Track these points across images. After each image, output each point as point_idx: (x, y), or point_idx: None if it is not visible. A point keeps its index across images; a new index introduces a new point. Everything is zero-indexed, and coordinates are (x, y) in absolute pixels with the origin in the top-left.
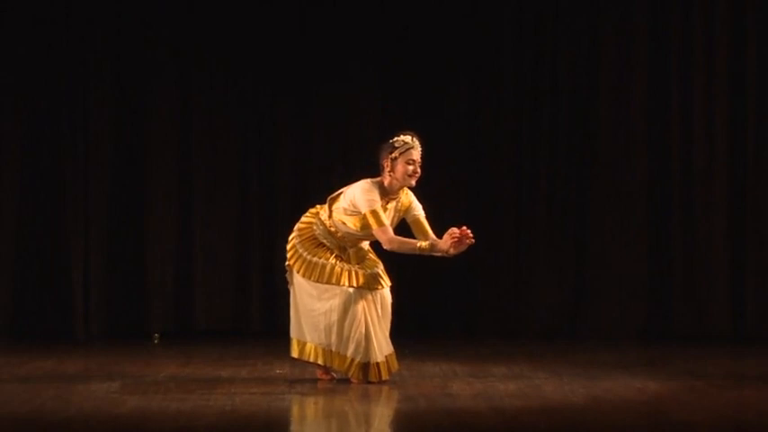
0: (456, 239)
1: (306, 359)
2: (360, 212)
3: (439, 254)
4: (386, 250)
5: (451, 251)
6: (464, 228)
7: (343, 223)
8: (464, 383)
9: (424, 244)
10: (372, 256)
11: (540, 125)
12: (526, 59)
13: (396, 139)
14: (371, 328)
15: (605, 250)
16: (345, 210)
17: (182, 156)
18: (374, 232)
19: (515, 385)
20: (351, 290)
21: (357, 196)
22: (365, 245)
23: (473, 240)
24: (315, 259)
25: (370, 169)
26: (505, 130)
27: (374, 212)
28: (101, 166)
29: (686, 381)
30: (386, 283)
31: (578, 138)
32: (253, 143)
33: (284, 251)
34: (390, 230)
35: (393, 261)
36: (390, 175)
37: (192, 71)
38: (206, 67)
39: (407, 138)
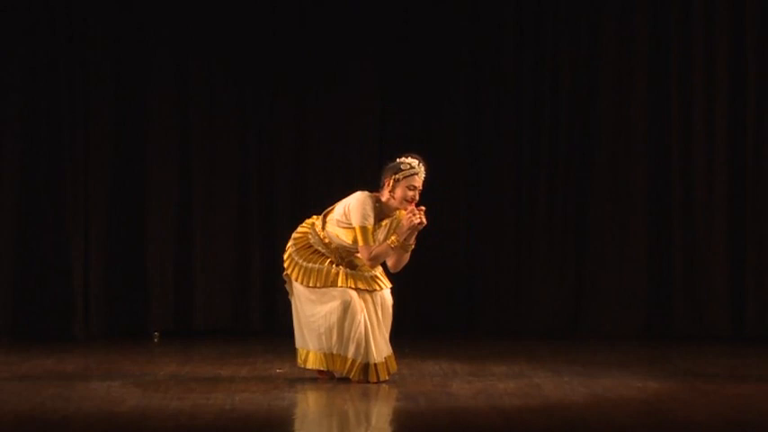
0: (411, 213)
1: (311, 367)
2: (352, 226)
3: (404, 238)
4: None
5: (405, 224)
6: (422, 207)
7: (337, 236)
8: (464, 382)
9: (391, 239)
10: None
11: (541, 125)
12: (526, 59)
13: (403, 160)
14: (370, 330)
15: (605, 250)
16: (339, 222)
17: (181, 156)
18: (359, 248)
19: (515, 384)
20: (349, 290)
21: (352, 207)
22: None
23: (424, 221)
24: (311, 265)
25: (369, 169)
26: (505, 131)
27: (364, 229)
28: (101, 166)
29: (686, 380)
30: (385, 284)
31: (578, 138)
32: (253, 143)
33: (284, 251)
34: (375, 250)
35: None
36: (389, 194)
37: (192, 71)
38: (206, 67)
39: (414, 162)
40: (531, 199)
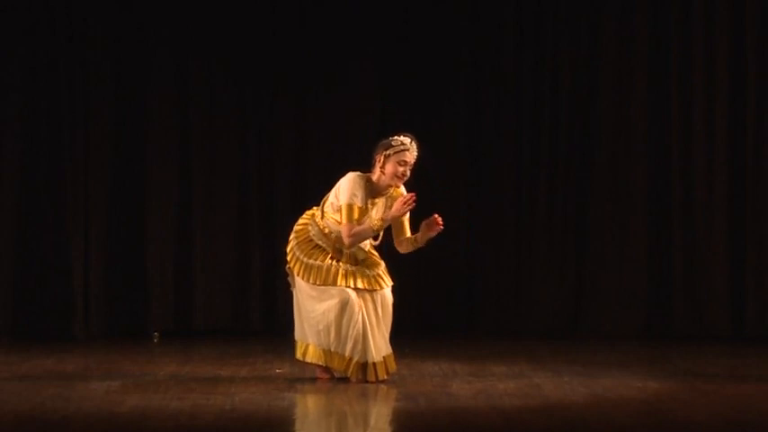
0: (403, 200)
1: (309, 361)
2: None
3: (389, 223)
4: (391, 248)
5: (395, 208)
6: (436, 216)
7: (335, 221)
8: (464, 382)
9: (375, 221)
10: (374, 257)
11: (541, 125)
12: (526, 59)
13: (394, 137)
14: (368, 328)
15: (605, 250)
16: (333, 205)
17: (181, 155)
18: (341, 225)
19: (515, 384)
20: (348, 289)
21: (341, 186)
22: (364, 245)
23: (441, 227)
24: (311, 261)
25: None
26: (505, 131)
27: (349, 207)
28: (101, 166)
29: (686, 380)
30: (386, 283)
31: (578, 138)
32: (253, 143)
33: (284, 251)
34: (355, 229)
35: (394, 260)
36: (380, 171)
37: (192, 71)
38: (206, 67)
39: (406, 139)
40: (531, 199)
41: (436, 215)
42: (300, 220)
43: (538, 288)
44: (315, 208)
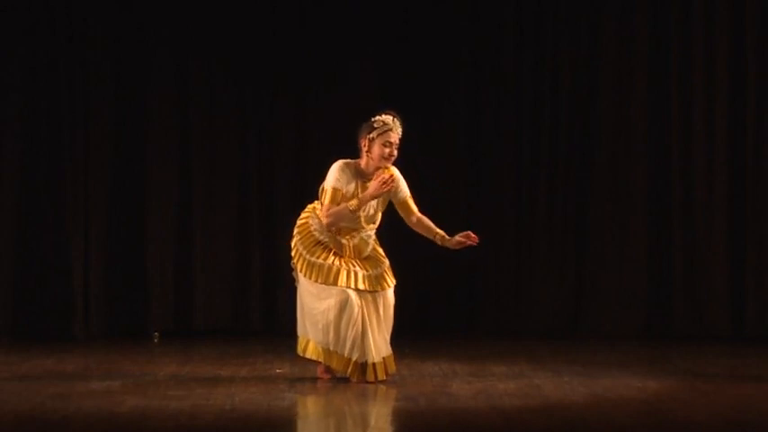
0: (381, 180)
1: (309, 357)
2: None
3: (366, 202)
4: (390, 248)
5: (373, 187)
6: (473, 235)
7: None
8: (464, 383)
9: (351, 202)
10: (379, 254)
11: (541, 125)
12: (526, 59)
13: (376, 118)
14: (368, 328)
15: (605, 250)
16: None
17: (181, 155)
18: (321, 207)
19: (515, 384)
20: (348, 290)
21: (329, 174)
22: (366, 236)
23: (476, 241)
24: (313, 259)
25: None
26: (505, 131)
27: (333, 190)
28: (101, 166)
29: (686, 380)
30: (388, 283)
31: (578, 138)
32: (253, 143)
33: (283, 250)
34: (333, 209)
35: (394, 259)
36: (367, 155)
37: (192, 71)
38: (206, 67)
39: (388, 118)
40: (531, 199)
41: (472, 233)
42: (303, 215)
43: (538, 288)
44: (316, 201)
